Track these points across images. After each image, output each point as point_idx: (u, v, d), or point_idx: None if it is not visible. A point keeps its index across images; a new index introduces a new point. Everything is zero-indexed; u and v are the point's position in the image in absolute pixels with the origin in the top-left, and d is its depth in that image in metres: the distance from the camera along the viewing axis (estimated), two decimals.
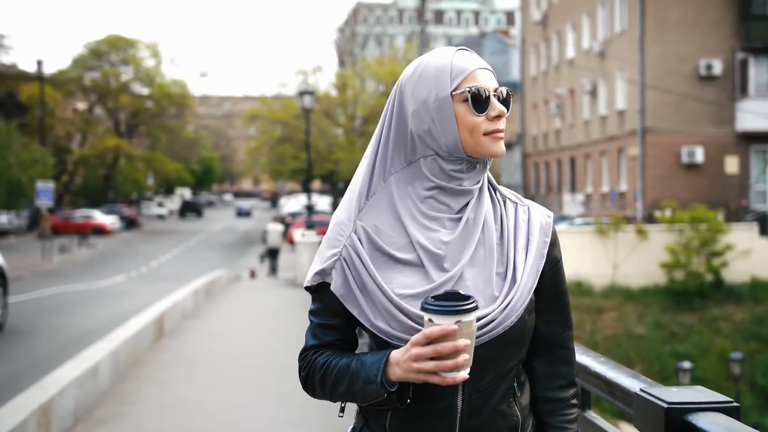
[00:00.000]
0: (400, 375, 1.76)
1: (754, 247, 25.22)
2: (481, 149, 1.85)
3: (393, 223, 1.87)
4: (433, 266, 1.83)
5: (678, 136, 30.43)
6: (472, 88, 1.84)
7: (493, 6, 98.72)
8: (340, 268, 1.85)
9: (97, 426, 6.91)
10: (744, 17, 30.60)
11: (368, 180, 1.91)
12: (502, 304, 1.83)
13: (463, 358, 1.69)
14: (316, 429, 7.05)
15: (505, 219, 1.93)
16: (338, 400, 1.92)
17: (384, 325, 1.82)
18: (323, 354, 1.91)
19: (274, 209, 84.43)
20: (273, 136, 50.61)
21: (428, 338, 1.69)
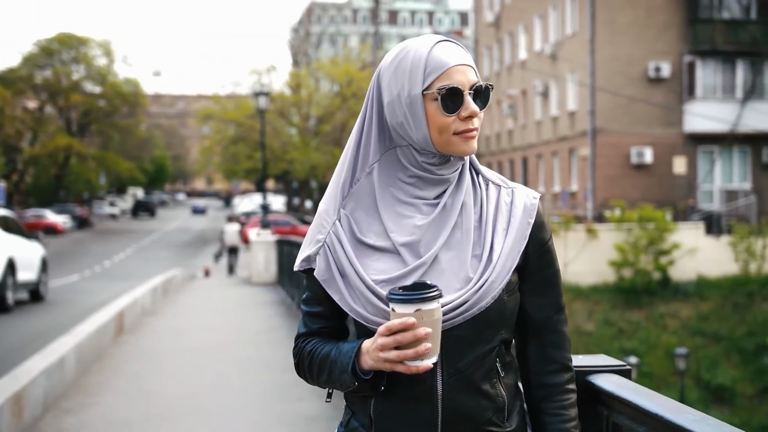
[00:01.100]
0: (371, 364, 1.80)
1: (700, 246, 25.81)
2: (450, 148, 1.86)
3: (372, 211, 1.90)
4: (408, 252, 1.85)
5: (627, 137, 30.88)
6: (443, 88, 1.82)
7: (447, 6, 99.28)
8: (323, 254, 1.90)
9: (66, 415, 7.09)
10: (691, 21, 31.15)
11: (352, 168, 1.93)
12: (476, 286, 1.84)
13: (425, 347, 1.72)
14: (275, 416, 7.31)
15: (485, 202, 1.94)
16: (325, 387, 1.96)
17: (361, 309, 1.85)
18: (311, 341, 1.96)
19: (228, 208, 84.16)
20: (227, 135, 50.50)
21: (390, 330, 1.73)
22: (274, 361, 9.97)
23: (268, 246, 23.45)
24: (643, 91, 30.96)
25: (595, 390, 2.13)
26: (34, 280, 16.69)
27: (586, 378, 2.18)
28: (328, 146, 45.94)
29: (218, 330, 13.26)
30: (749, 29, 31.53)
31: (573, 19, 33.24)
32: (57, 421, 6.88)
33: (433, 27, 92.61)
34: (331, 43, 66.38)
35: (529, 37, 38.04)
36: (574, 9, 33.19)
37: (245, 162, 49.91)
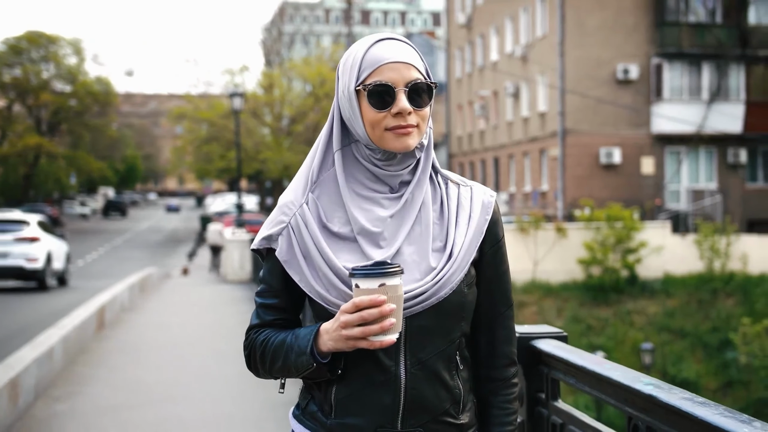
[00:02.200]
0: (330, 345, 1.82)
1: (667, 244, 26.27)
2: (384, 143, 1.89)
3: (338, 201, 1.94)
4: (369, 244, 1.90)
5: (596, 137, 31.24)
6: (371, 84, 1.87)
7: (420, 7, 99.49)
8: (286, 235, 1.93)
9: (56, 402, 7.40)
10: (659, 24, 31.63)
11: (322, 155, 1.97)
12: (436, 277, 1.88)
13: (389, 322, 1.75)
14: (256, 402, 7.68)
15: (445, 199, 1.99)
16: (278, 375, 1.96)
17: (323, 290, 1.88)
18: (264, 332, 1.97)
19: (200, 208, 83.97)
20: (199, 135, 50.40)
21: (357, 306, 1.75)
22: None
23: (243, 245, 23.75)
24: (611, 92, 31.39)
25: (538, 352, 2.54)
26: (62, 269, 20.93)
27: (531, 342, 2.59)
28: (301, 146, 46.01)
29: (196, 325, 13.58)
30: (714, 32, 32.08)
31: (543, 21, 33.58)
32: (48, 407, 7.19)
33: (406, 27, 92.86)
34: (304, 43, 66.45)
35: (500, 38, 38.42)
36: (544, 11, 33.55)
37: (218, 162, 49.87)
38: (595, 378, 2.25)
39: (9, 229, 19.06)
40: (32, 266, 18.76)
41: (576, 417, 2.39)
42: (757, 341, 18.92)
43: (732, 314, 22.72)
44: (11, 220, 19.83)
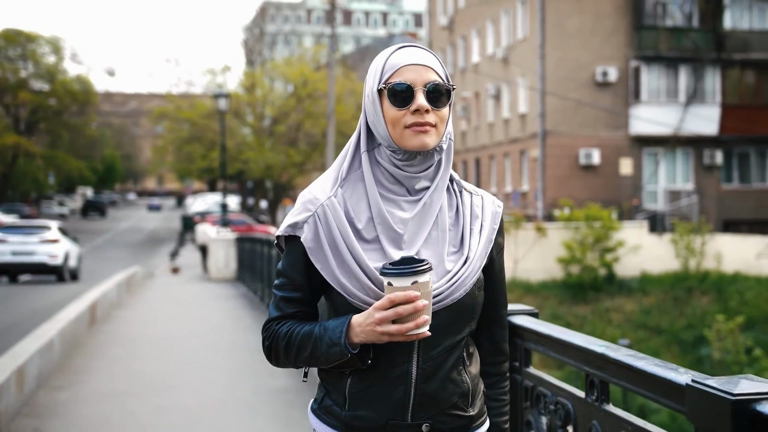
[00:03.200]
0: (362, 338, 1.91)
1: (644, 244, 26.74)
2: (403, 141, 1.99)
3: (363, 199, 2.02)
4: (391, 245, 1.98)
5: (576, 138, 31.63)
6: (392, 83, 1.98)
7: (402, 8, 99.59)
8: (312, 223, 1.99)
9: (58, 390, 7.72)
10: (637, 27, 32.07)
11: (352, 156, 2.08)
12: (452, 279, 1.98)
13: (423, 318, 1.86)
14: (250, 389, 8.08)
15: (461, 206, 2.09)
16: (302, 365, 2.04)
17: (347, 282, 1.96)
18: (286, 324, 2.03)
19: (180, 208, 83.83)
20: (181, 135, 50.34)
21: (392, 302, 1.84)
22: (242, 345, 10.69)
23: (228, 244, 24.00)
24: (590, 94, 31.78)
25: (513, 326, 2.89)
26: (75, 266, 24.84)
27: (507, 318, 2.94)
28: (283, 146, 46.15)
29: (186, 320, 13.91)
30: (691, 36, 32.58)
31: (524, 24, 33.89)
32: (51, 395, 7.51)
33: (388, 28, 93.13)
34: (286, 43, 66.50)
35: (481, 41, 38.73)
36: (524, 14, 33.86)
37: (200, 162, 49.84)
38: (560, 344, 2.61)
39: (35, 233, 23.22)
40: (53, 263, 22.91)
41: (544, 379, 2.74)
42: (730, 338, 19.36)
43: (706, 311, 23.16)
44: (37, 226, 24.14)
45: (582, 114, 31.66)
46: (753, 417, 1.77)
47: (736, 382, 1.85)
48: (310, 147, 45.81)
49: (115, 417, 6.88)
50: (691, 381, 1.98)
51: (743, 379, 1.86)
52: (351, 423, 2.00)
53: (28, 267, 23.16)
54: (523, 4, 33.91)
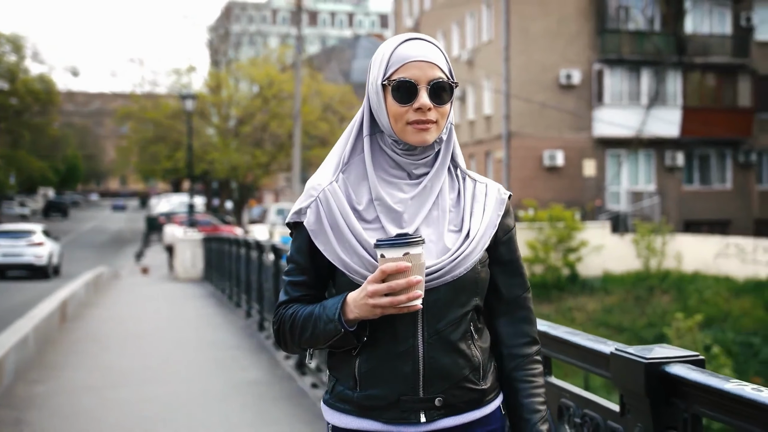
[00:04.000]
0: (357, 313, 1.94)
1: (606, 244, 27.13)
2: (405, 137, 2.03)
3: (364, 182, 2.07)
4: (391, 223, 2.02)
5: (540, 140, 31.85)
6: (396, 79, 2.00)
7: (367, 8, 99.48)
8: (314, 207, 2.05)
9: (34, 384, 7.84)
10: (600, 31, 32.39)
11: (354, 140, 2.11)
12: (453, 255, 2.01)
13: (416, 293, 1.89)
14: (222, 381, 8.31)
15: (462, 191, 2.13)
16: (306, 346, 2.08)
17: (348, 259, 2.00)
18: (292, 306, 2.09)
19: (144, 209, 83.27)
20: (145, 135, 50.03)
21: (384, 273, 1.88)
22: (213, 341, 10.86)
23: (195, 244, 24.08)
24: (554, 97, 32.06)
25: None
26: (57, 263, 28.39)
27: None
28: (249, 147, 46.07)
29: (156, 318, 14.03)
30: (653, 40, 33.03)
31: (489, 27, 34.09)
32: (28, 388, 7.63)
33: (353, 29, 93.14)
34: (251, 43, 66.33)
35: (447, 43, 38.89)
36: (489, 17, 34.06)
37: (165, 162, 49.55)
38: None
39: (22, 237, 26.80)
40: (39, 262, 26.51)
41: None
42: (689, 336, 19.74)
43: (666, 310, 23.54)
44: (24, 231, 27.55)
45: (546, 116, 31.91)
46: (662, 377, 2.16)
47: (650, 349, 2.26)
48: (276, 148, 45.77)
49: (93, 408, 7.04)
50: (614, 350, 2.41)
51: (657, 346, 2.27)
52: (364, 403, 2.02)
53: (17, 267, 26.74)
54: (488, 7, 34.16)
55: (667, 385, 2.18)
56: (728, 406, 2.02)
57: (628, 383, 2.36)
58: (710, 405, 2.09)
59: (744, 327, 22.79)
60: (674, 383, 2.21)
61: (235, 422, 6.72)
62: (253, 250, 12.57)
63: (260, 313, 11.65)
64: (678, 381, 2.19)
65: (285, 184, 62.19)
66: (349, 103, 46.05)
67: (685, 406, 2.18)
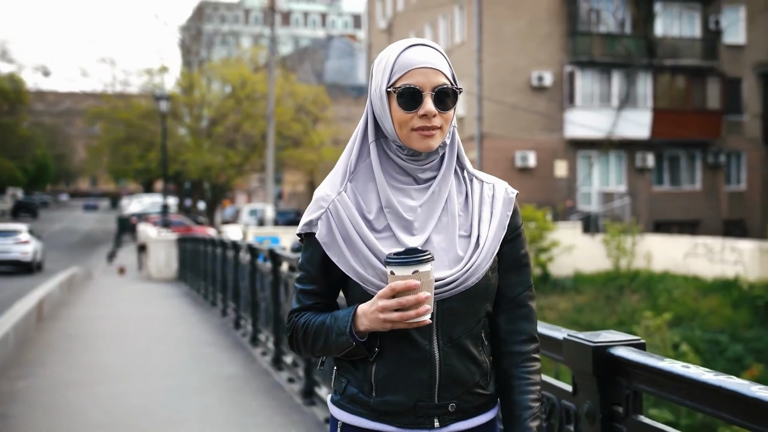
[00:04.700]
0: (367, 326, 1.96)
1: (577, 244, 27.42)
2: (410, 143, 2.03)
3: (373, 189, 2.07)
4: (403, 232, 2.03)
5: (512, 141, 32.04)
6: (401, 86, 2.00)
7: (341, 9, 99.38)
8: (325, 219, 2.05)
9: (16, 380, 7.97)
10: (571, 33, 32.71)
11: (359, 147, 2.11)
12: (466, 266, 2.02)
13: (425, 308, 1.91)
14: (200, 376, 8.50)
15: (470, 193, 2.12)
16: (319, 354, 2.10)
17: (361, 269, 2.01)
18: (304, 315, 2.10)
19: (115, 209, 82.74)
20: (117, 135, 49.76)
21: (394, 291, 1.89)
22: (190, 338, 11.01)
23: (169, 244, 24.13)
24: (526, 98, 32.28)
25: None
26: (41, 259, 30.65)
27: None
28: (222, 147, 46.00)
29: (133, 317, 14.12)
30: (624, 42, 33.41)
31: (461, 28, 34.29)
32: (10, 384, 7.76)
33: (327, 29, 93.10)
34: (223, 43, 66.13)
35: None
36: (462, 19, 34.27)
37: (137, 163, 49.32)
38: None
39: (10, 236, 29.04)
40: (25, 259, 28.80)
41: None
42: (658, 334, 20.03)
43: (636, 309, 23.82)
44: (11, 230, 29.67)
45: (518, 117, 32.13)
46: (607, 358, 2.47)
47: (597, 334, 2.58)
48: (249, 148, 45.74)
49: (76, 402, 7.18)
50: (567, 336, 2.75)
51: (603, 332, 2.61)
52: (380, 408, 2.03)
53: (5, 263, 28.93)
54: (461, 9, 34.37)
55: (612, 365, 2.47)
56: (663, 382, 2.30)
57: (578, 365, 2.65)
58: (648, 382, 2.37)
59: (712, 325, 23.17)
60: (618, 363, 2.48)
61: (213, 414, 6.89)
62: (229, 249, 12.70)
63: (236, 312, 11.79)
64: (621, 361, 2.47)
65: (258, 184, 62.14)
66: (322, 104, 46.13)
67: (627, 384, 2.45)
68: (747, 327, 23.18)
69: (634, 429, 2.45)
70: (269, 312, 8.91)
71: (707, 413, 2.15)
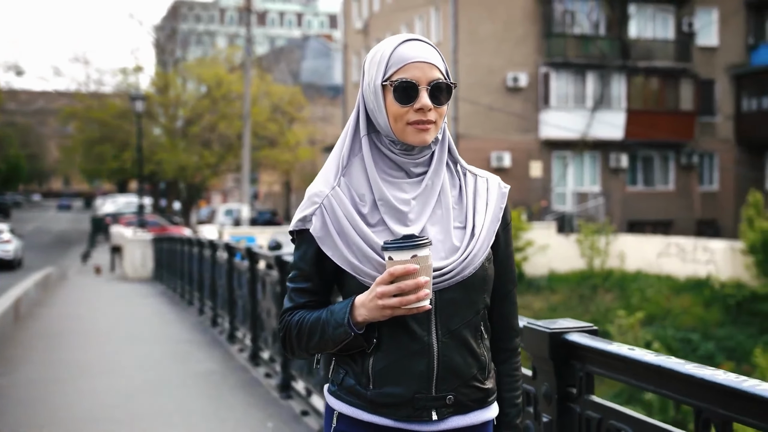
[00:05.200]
0: (365, 315, 1.94)
1: (552, 244, 27.65)
2: (404, 136, 2.03)
3: (365, 182, 2.06)
4: (397, 223, 2.02)
5: (488, 142, 32.17)
6: (397, 80, 2.00)
7: (316, 9, 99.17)
8: (320, 214, 2.04)
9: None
10: (546, 34, 32.87)
11: (351, 141, 2.11)
12: (462, 256, 2.03)
13: (425, 292, 1.89)
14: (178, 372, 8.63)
15: (464, 187, 2.14)
16: (314, 351, 2.07)
17: (356, 262, 2.00)
18: (297, 313, 2.08)
19: (89, 210, 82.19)
20: (91, 135, 49.46)
21: (392, 275, 1.87)
22: (167, 336, 11.08)
23: (145, 244, 24.13)
24: (502, 99, 32.42)
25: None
26: (21, 257, 32.29)
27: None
28: (197, 147, 45.86)
29: (110, 316, 14.16)
30: (598, 44, 33.62)
31: (437, 29, 34.38)
32: None
33: (302, 29, 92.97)
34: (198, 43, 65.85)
35: None
36: (438, 20, 34.37)
37: (112, 162, 49.03)
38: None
39: None
40: (7, 257, 30.33)
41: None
42: (631, 332, 20.29)
43: (609, 308, 24.10)
44: None
45: (493, 118, 32.26)
46: (562, 343, 2.67)
47: (554, 322, 2.78)
48: (225, 148, 45.64)
49: (55, 398, 7.29)
50: (526, 323, 2.94)
51: (559, 320, 2.80)
52: (378, 400, 2.02)
53: None
54: (437, 10, 34.49)
55: (567, 350, 2.67)
56: (612, 364, 2.50)
57: (536, 350, 2.88)
58: (599, 364, 2.57)
59: (684, 324, 23.46)
60: (572, 348, 2.67)
61: (191, 408, 7.01)
62: (206, 248, 12.77)
63: (213, 310, 11.86)
64: (575, 346, 2.66)
65: (233, 184, 61.99)
66: (298, 104, 46.13)
67: (581, 366, 2.65)
68: (718, 326, 23.49)
69: (586, 407, 2.64)
70: (246, 309, 9.01)
71: (650, 390, 2.34)
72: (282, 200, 57.22)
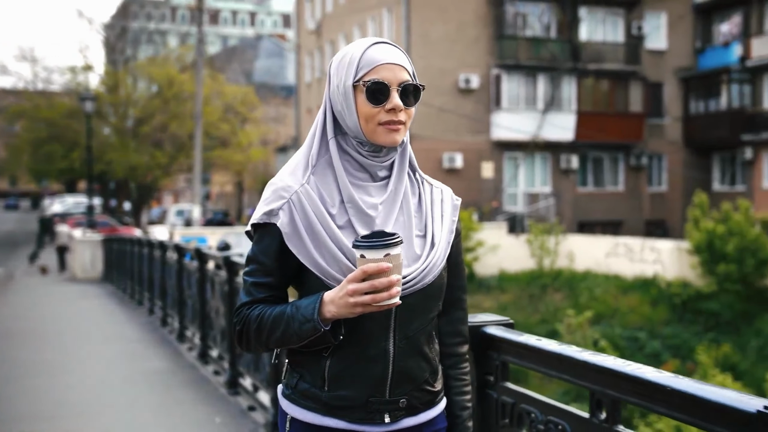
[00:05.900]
0: (334, 312, 1.94)
1: (503, 244, 27.87)
2: (375, 137, 2.06)
3: (333, 184, 2.08)
4: (364, 227, 2.04)
5: (440, 143, 32.31)
6: (369, 81, 2.03)
7: (270, 8, 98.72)
8: (287, 209, 2.03)
9: None
10: (498, 36, 33.12)
11: (319, 142, 2.12)
12: (424, 264, 2.07)
13: (397, 290, 1.92)
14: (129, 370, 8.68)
15: (423, 195, 2.18)
16: (274, 346, 2.06)
17: (323, 263, 2.00)
18: (257, 307, 2.05)
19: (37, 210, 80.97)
20: (39, 134, 48.74)
21: (365, 273, 1.88)
22: (117, 335, 11.05)
23: (94, 245, 23.90)
24: (453, 100, 32.58)
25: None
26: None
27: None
28: (148, 147, 45.45)
29: (59, 316, 14.06)
30: (549, 46, 33.89)
31: (390, 31, 34.46)
32: None
33: (256, 28, 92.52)
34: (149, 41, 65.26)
35: None
36: (390, 22, 34.47)
37: (60, 162, 48.34)
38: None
39: None
40: None
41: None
42: (580, 331, 20.53)
43: (559, 307, 24.36)
44: None
45: (445, 119, 32.39)
46: (481, 335, 2.88)
47: (474, 316, 2.96)
48: (176, 148, 45.32)
49: (10, 396, 7.38)
50: None
51: (479, 314, 2.99)
52: (332, 403, 2.05)
53: None
54: (389, 11, 34.57)
55: (485, 341, 2.86)
56: (523, 353, 2.73)
57: None
58: (512, 353, 2.78)
59: (631, 323, 23.80)
60: (489, 340, 2.87)
61: (142, 404, 7.09)
62: (156, 249, 12.73)
63: (163, 310, 11.84)
64: (491, 338, 2.86)
65: (185, 185, 61.53)
66: (250, 104, 45.95)
67: (497, 356, 2.86)
68: (664, 324, 23.88)
69: (502, 393, 2.85)
70: (196, 309, 9.03)
71: (554, 377, 2.57)
72: (234, 201, 56.95)
